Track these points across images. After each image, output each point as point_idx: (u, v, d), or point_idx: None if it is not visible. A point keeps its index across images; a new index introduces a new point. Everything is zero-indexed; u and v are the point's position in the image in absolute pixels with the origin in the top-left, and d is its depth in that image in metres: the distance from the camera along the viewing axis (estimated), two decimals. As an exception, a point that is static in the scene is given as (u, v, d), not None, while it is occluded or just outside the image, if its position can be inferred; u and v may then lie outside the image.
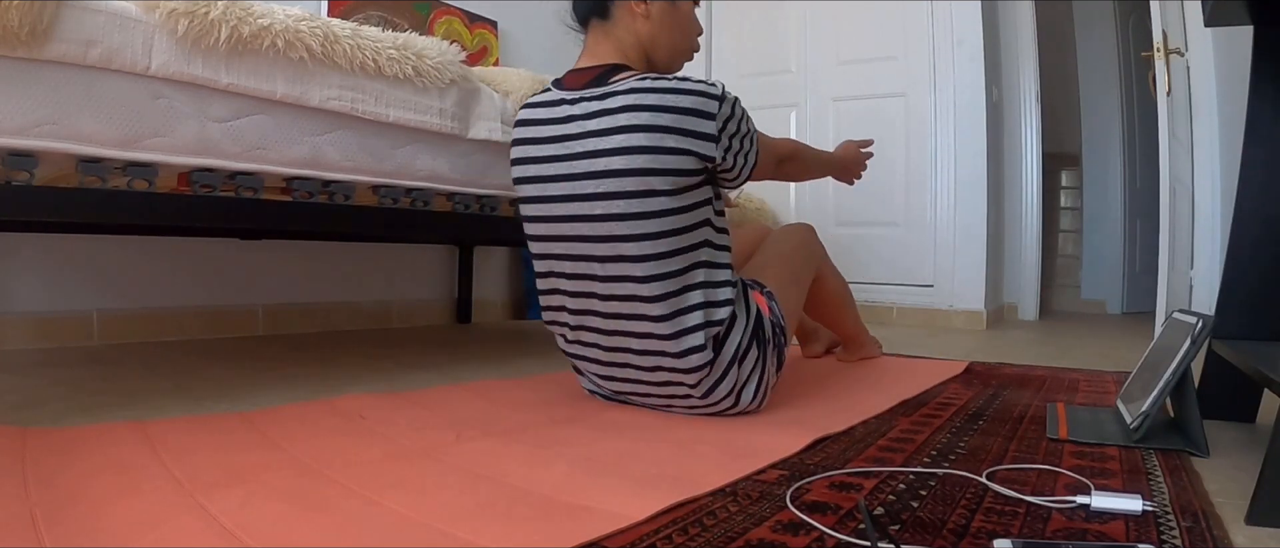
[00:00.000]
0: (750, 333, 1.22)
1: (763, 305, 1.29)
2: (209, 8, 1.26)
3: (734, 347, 1.19)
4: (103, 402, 1.27)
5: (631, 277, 1.17)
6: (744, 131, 1.21)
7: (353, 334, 2.47)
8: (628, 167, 1.13)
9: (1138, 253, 4.48)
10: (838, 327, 1.89)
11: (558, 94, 1.24)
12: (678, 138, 1.13)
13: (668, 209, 1.15)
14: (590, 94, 1.19)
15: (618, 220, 1.15)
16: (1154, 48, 2.78)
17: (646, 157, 1.13)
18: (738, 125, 1.19)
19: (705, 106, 1.14)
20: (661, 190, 1.14)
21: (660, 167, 1.13)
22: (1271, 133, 1.32)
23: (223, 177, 1.38)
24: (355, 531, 0.69)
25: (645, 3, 1.25)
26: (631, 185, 1.14)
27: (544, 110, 1.25)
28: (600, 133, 1.16)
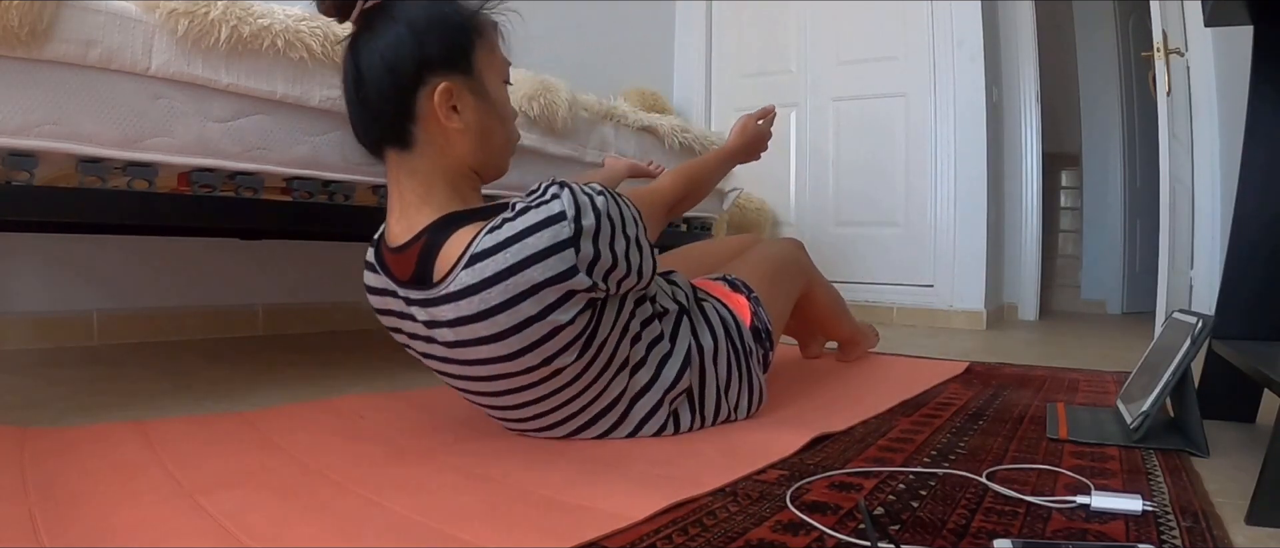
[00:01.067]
0: (727, 355, 1.15)
1: (743, 312, 1.24)
2: (209, 8, 1.26)
3: (716, 383, 1.13)
4: (103, 402, 1.27)
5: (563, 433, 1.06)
6: (617, 251, 0.94)
7: (353, 334, 2.47)
8: (500, 372, 0.96)
9: (1138, 253, 4.48)
10: (834, 333, 1.90)
11: (386, 281, 0.99)
12: (535, 306, 0.90)
13: (564, 368, 0.97)
14: (422, 297, 0.94)
15: (520, 407, 1.02)
16: (1154, 48, 2.79)
17: (510, 341, 0.91)
18: (602, 238, 0.92)
19: (554, 243, 0.88)
20: (550, 360, 0.95)
21: (537, 340, 0.92)
22: (1271, 133, 1.32)
23: (223, 177, 1.38)
24: (354, 531, 0.69)
25: (455, 112, 0.95)
26: (520, 375, 0.96)
27: (381, 299, 1.02)
28: (455, 335, 0.94)
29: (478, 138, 0.99)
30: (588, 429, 1.06)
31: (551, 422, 1.05)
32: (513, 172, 1.86)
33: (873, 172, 3.45)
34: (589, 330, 0.96)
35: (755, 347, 1.23)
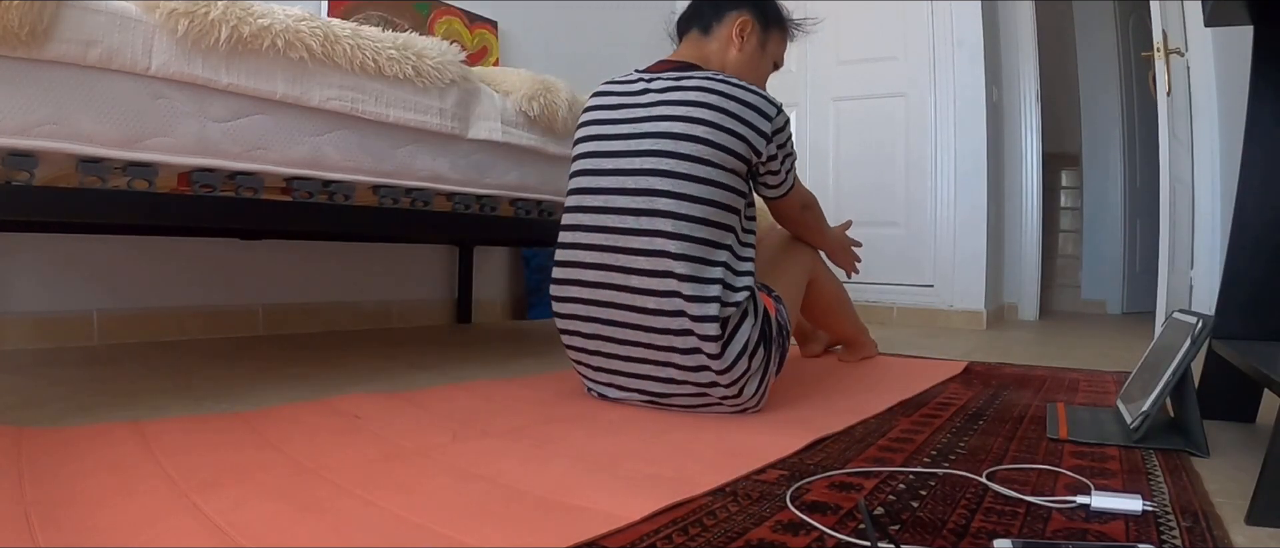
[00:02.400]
0: (759, 330, 1.24)
1: (769, 306, 1.31)
2: (209, 8, 1.26)
3: (745, 339, 1.21)
4: (102, 402, 1.27)
5: (667, 251, 1.20)
6: (789, 151, 1.33)
7: (353, 334, 2.47)
8: (687, 132, 1.23)
9: (1138, 253, 4.48)
10: (836, 330, 1.90)
11: (638, 76, 1.35)
12: (735, 124, 1.24)
13: (710, 179, 1.22)
14: (671, 78, 1.30)
15: (663, 177, 1.22)
16: (1154, 48, 2.78)
17: (705, 128, 1.23)
18: (786, 141, 1.32)
19: (766, 110, 1.26)
20: (709, 161, 1.22)
21: (715, 141, 1.22)
22: (1271, 133, 1.32)
23: (223, 177, 1.38)
24: (350, 531, 0.69)
25: (743, 37, 1.41)
26: (685, 149, 1.22)
27: (622, 85, 1.35)
28: (671, 104, 1.26)
29: (741, 62, 1.43)
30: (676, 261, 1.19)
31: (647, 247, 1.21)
32: (512, 172, 1.87)
33: (873, 171, 3.45)
34: (732, 177, 1.24)
35: (777, 336, 1.29)
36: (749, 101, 1.26)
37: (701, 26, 1.43)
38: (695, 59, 1.39)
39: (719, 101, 1.24)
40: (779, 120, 1.29)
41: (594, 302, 1.28)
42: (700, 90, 1.25)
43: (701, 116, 1.24)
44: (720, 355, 1.19)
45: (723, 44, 1.42)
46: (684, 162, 1.22)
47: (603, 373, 1.31)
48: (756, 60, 1.46)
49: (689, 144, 1.23)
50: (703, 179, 1.22)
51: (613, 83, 1.38)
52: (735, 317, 1.21)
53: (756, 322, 1.25)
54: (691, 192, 1.22)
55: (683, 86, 1.27)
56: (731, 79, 1.28)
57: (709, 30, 1.42)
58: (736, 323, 1.21)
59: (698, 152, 1.22)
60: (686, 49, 1.43)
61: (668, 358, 1.22)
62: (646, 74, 1.35)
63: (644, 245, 1.22)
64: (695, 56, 1.40)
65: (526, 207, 1.97)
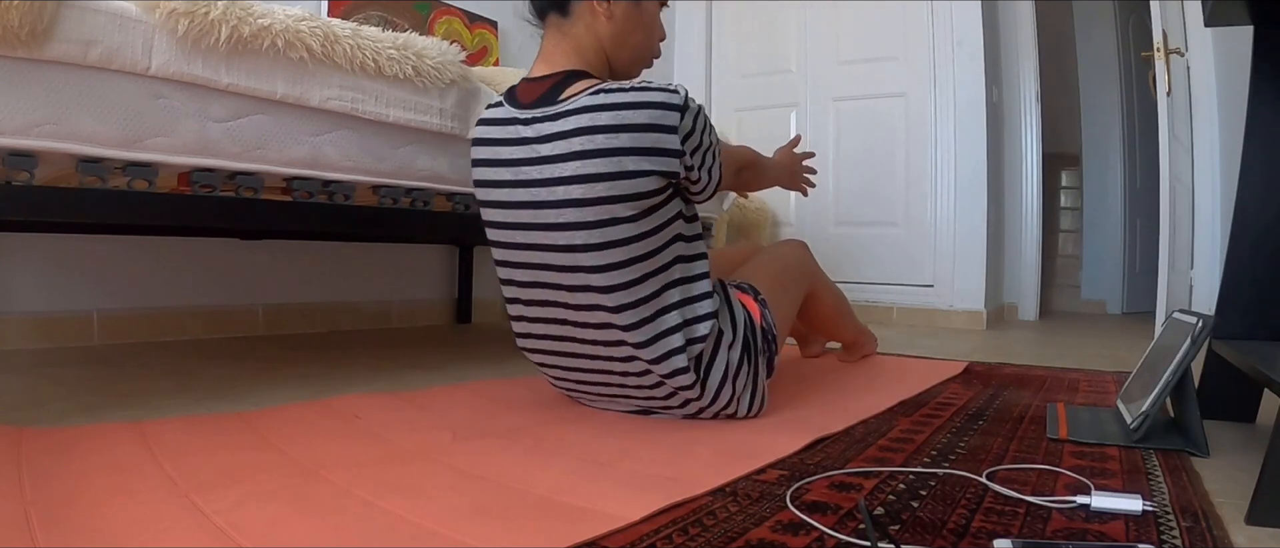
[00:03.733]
0: (740, 347, 1.18)
1: (753, 310, 1.26)
2: (209, 8, 1.26)
3: (724, 365, 1.16)
4: (102, 402, 1.27)
5: (602, 306, 1.11)
6: (707, 144, 1.13)
7: (353, 334, 2.47)
8: (586, 195, 1.07)
9: (1138, 253, 4.48)
10: (837, 335, 1.90)
11: (510, 111, 1.16)
12: (638, 159, 1.05)
13: (633, 236, 1.08)
14: (542, 114, 1.11)
15: (582, 251, 1.09)
16: (1154, 48, 2.79)
17: (605, 184, 1.05)
18: (701, 137, 1.11)
19: (666, 120, 1.05)
20: (625, 217, 1.07)
21: (621, 193, 1.06)
22: (1271, 133, 1.32)
23: (223, 177, 1.38)
24: (350, 531, 0.69)
25: (608, 2, 1.17)
26: (592, 216, 1.07)
27: (497, 129, 1.17)
28: (555, 159, 1.08)
29: (619, 30, 1.20)
30: (613, 318, 1.10)
31: (583, 302, 1.12)
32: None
33: (873, 171, 3.45)
34: (654, 203, 1.09)
35: (764, 347, 1.24)
36: (644, 123, 1.04)
37: (556, 8, 1.19)
38: (564, 59, 1.18)
39: (607, 141, 1.04)
40: (686, 121, 1.07)
41: (558, 353, 1.21)
42: (582, 134, 1.06)
43: (595, 171, 1.05)
44: (701, 395, 1.15)
45: (588, 22, 1.18)
46: (597, 229, 1.07)
47: (587, 396, 1.28)
48: (633, 21, 1.21)
49: (594, 209, 1.06)
50: (625, 240, 1.07)
51: (487, 123, 1.20)
52: (709, 348, 1.14)
53: (736, 339, 1.18)
54: (618, 258, 1.08)
55: (562, 132, 1.07)
56: (614, 94, 1.06)
57: (566, 10, 1.18)
58: (711, 353, 1.15)
59: (609, 213, 1.06)
60: (551, 47, 1.20)
61: (649, 398, 1.19)
62: (521, 111, 1.14)
63: (586, 318, 1.14)
64: (563, 55, 1.18)
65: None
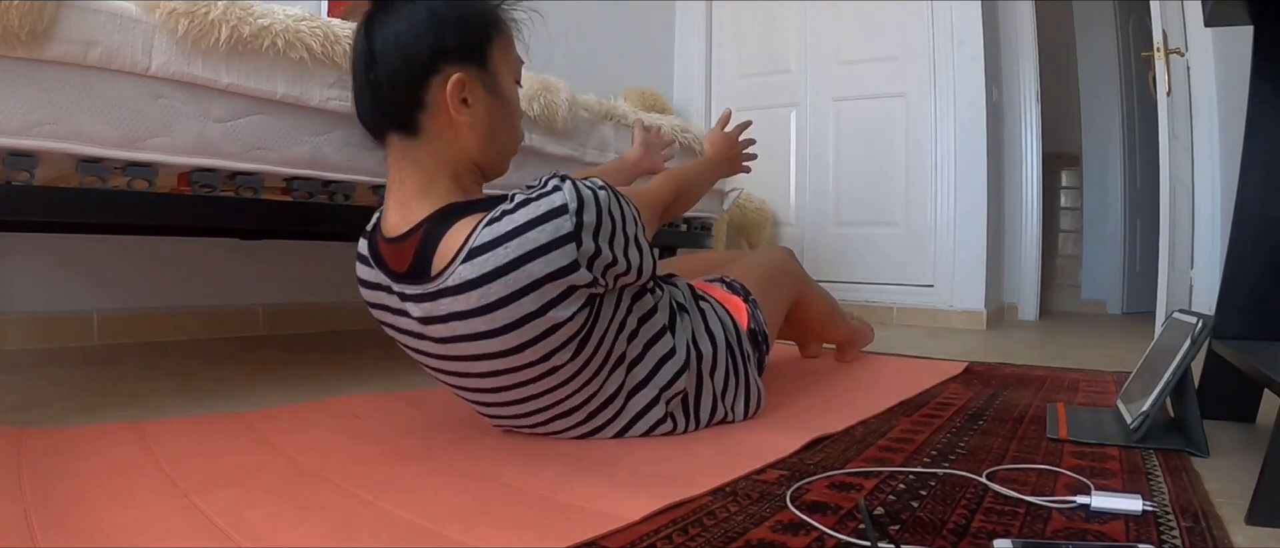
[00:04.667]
0: (725, 361, 1.14)
1: (740, 313, 1.23)
2: (209, 8, 1.26)
3: (712, 389, 1.12)
4: (103, 402, 1.27)
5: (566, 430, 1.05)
6: (615, 232, 0.93)
7: (353, 334, 2.47)
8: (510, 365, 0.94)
9: (1138, 253, 4.47)
10: (830, 337, 1.90)
11: (379, 275, 0.97)
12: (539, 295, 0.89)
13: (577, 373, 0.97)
14: (420, 292, 0.92)
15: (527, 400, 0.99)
16: (1154, 48, 2.79)
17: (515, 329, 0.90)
18: (600, 230, 0.91)
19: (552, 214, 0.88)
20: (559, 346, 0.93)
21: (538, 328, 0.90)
22: (1271, 133, 1.32)
23: (223, 177, 1.38)
24: (349, 531, 0.69)
25: (466, 105, 0.94)
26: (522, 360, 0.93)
27: (374, 294, 1.00)
28: (460, 339, 0.92)
29: (486, 133, 0.97)
30: (582, 426, 1.05)
31: (545, 419, 1.03)
32: (513, 172, 1.86)
33: (872, 172, 3.45)
34: (587, 328, 0.95)
35: (752, 351, 1.23)
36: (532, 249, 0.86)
37: (400, 128, 0.94)
38: (421, 189, 0.94)
39: (511, 313, 0.88)
40: (576, 222, 0.88)
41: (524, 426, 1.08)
42: (464, 290, 0.88)
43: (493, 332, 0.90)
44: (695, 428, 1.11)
45: (447, 138, 0.95)
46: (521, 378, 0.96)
47: None
48: (497, 117, 0.99)
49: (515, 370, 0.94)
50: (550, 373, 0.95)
51: (362, 283, 1.03)
52: (692, 386, 1.08)
53: (716, 353, 1.12)
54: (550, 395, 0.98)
55: (455, 313, 0.90)
56: (489, 247, 0.87)
57: (415, 129, 0.93)
58: (696, 387, 1.09)
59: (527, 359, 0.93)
60: (401, 174, 0.96)
61: None
62: (395, 283, 0.95)
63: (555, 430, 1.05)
64: (419, 184, 0.94)
65: (526, 207, 1.97)
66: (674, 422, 1.09)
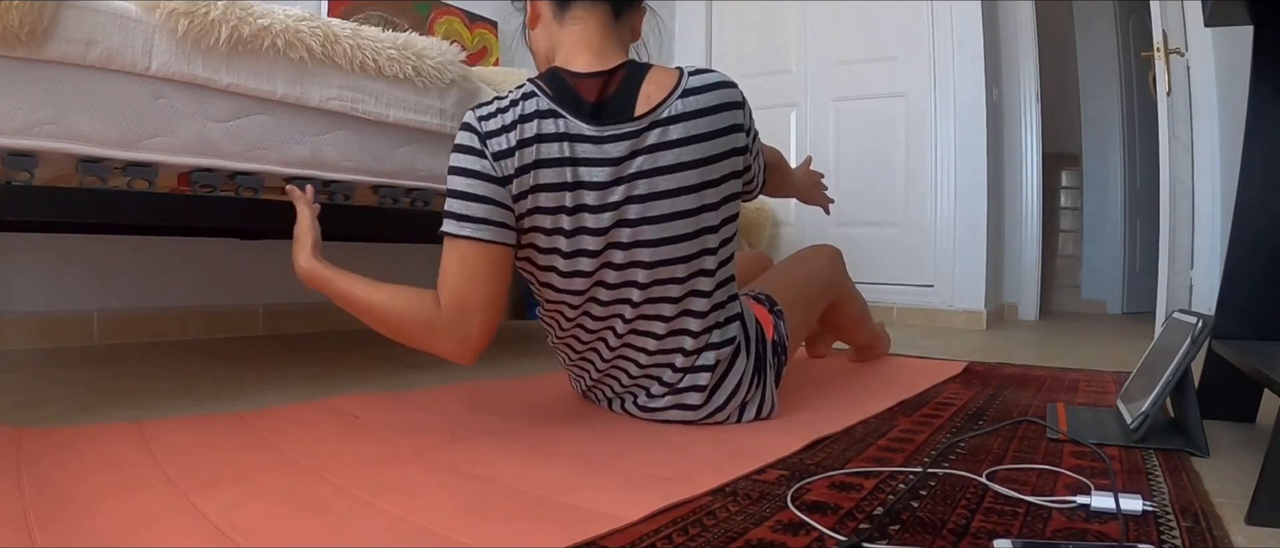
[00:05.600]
0: (754, 359, 1.19)
1: (766, 324, 1.25)
2: (209, 8, 1.26)
3: (739, 375, 1.16)
4: (103, 402, 1.27)
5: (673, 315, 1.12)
6: (757, 136, 1.18)
7: (353, 334, 2.47)
8: (685, 208, 1.07)
9: (1138, 253, 4.48)
10: (853, 340, 1.90)
11: (575, 126, 1.04)
12: (723, 163, 1.09)
13: (717, 245, 1.11)
14: (624, 131, 1.04)
15: (674, 264, 1.09)
16: (1154, 48, 2.79)
17: (695, 194, 1.07)
18: (753, 130, 1.16)
19: (738, 120, 1.11)
20: (711, 226, 1.10)
21: (711, 201, 1.09)
22: (1271, 133, 1.32)
23: (223, 177, 1.38)
24: (348, 531, 0.69)
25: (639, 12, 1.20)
26: (689, 227, 1.08)
27: (575, 147, 1.05)
28: (660, 172, 1.06)
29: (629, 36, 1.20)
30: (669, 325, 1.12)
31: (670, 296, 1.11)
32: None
33: (873, 171, 3.45)
34: (732, 197, 1.13)
35: (773, 358, 1.24)
36: (726, 121, 1.10)
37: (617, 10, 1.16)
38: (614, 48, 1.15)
39: (703, 150, 1.07)
40: (747, 111, 1.14)
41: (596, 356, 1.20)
42: (679, 121, 1.07)
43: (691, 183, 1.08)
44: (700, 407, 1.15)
45: (634, 30, 1.21)
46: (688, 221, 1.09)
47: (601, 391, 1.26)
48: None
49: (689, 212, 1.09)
50: (708, 232, 1.10)
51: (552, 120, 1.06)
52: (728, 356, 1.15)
53: (750, 350, 1.18)
54: (704, 262, 1.11)
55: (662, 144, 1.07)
56: (696, 92, 1.08)
57: (622, 16, 1.17)
58: (729, 362, 1.15)
59: (703, 201, 1.09)
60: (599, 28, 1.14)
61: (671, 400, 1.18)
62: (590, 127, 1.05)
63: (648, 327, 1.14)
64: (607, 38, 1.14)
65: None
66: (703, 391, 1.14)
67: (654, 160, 1.05)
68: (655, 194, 1.06)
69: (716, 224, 1.11)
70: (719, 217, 1.11)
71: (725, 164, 1.09)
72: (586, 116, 1.05)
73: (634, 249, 1.08)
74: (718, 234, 1.12)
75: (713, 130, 1.07)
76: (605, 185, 1.05)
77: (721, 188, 1.10)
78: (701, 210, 1.08)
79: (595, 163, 1.05)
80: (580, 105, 1.06)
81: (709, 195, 1.08)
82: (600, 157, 1.05)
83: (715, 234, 1.11)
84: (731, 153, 1.10)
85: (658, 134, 1.05)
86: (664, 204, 1.06)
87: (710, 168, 1.07)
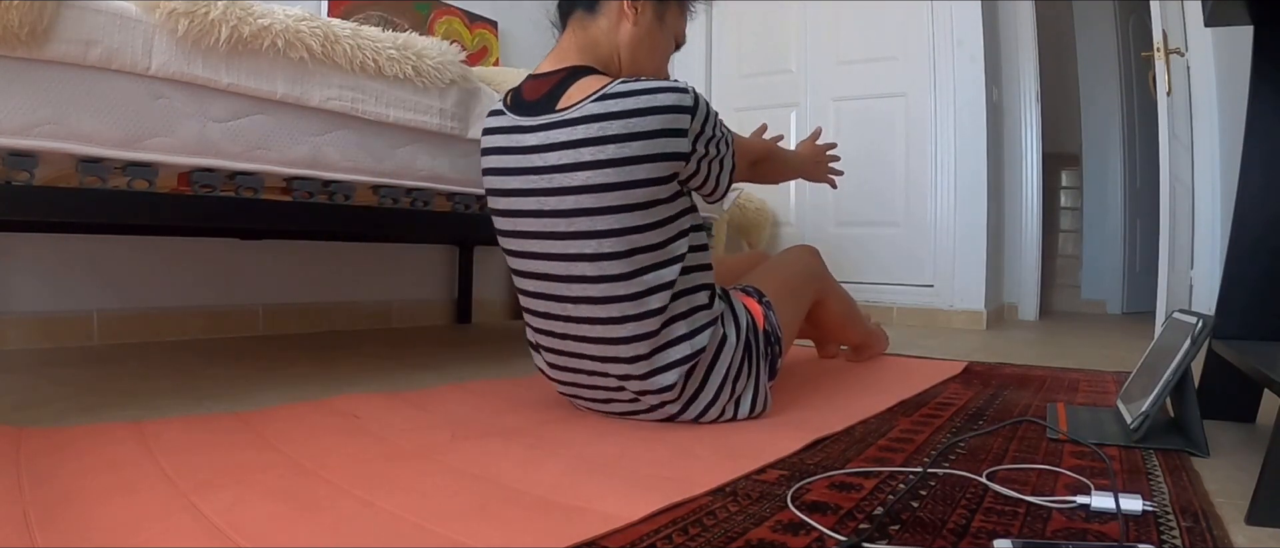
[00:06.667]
0: (742, 349, 1.18)
1: (756, 313, 1.26)
2: (209, 8, 1.26)
3: (724, 369, 1.16)
4: (103, 402, 1.27)
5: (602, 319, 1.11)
6: (716, 138, 1.13)
7: (353, 334, 2.47)
8: (597, 205, 1.07)
9: (1138, 253, 4.47)
10: (847, 339, 1.91)
11: (512, 119, 1.16)
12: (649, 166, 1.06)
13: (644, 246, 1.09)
14: (544, 121, 1.11)
15: (589, 261, 1.09)
16: (1154, 48, 2.78)
17: (616, 193, 1.06)
18: (712, 133, 1.12)
19: (676, 124, 1.06)
20: (635, 227, 1.07)
21: (631, 201, 1.07)
22: (1271, 133, 1.32)
23: (223, 177, 1.38)
24: (348, 531, 0.69)
25: (636, 8, 1.19)
26: (603, 225, 1.07)
27: (501, 137, 1.17)
28: (562, 169, 1.09)
29: (637, 44, 1.21)
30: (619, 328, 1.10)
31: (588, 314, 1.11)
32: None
33: (873, 172, 3.45)
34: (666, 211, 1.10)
35: (764, 348, 1.24)
36: (656, 124, 1.05)
37: (585, 4, 1.20)
38: (579, 51, 1.19)
39: (617, 150, 1.05)
40: (697, 119, 1.08)
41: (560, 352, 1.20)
42: (591, 145, 1.06)
43: (604, 181, 1.06)
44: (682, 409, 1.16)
45: (612, 20, 1.20)
46: (603, 219, 1.07)
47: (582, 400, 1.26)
48: (655, 36, 1.23)
49: (602, 209, 1.07)
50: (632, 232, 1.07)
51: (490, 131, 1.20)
52: (707, 357, 1.14)
53: (738, 342, 1.18)
54: (622, 265, 1.08)
55: (570, 142, 1.08)
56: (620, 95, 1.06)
57: (594, 7, 1.20)
58: (710, 361, 1.14)
59: (616, 205, 1.07)
60: (571, 37, 1.21)
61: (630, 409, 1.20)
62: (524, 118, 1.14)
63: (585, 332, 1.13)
64: (579, 46, 1.19)
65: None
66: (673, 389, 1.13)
67: (562, 156, 1.09)
68: (561, 189, 1.09)
69: (645, 225, 1.08)
70: (649, 218, 1.08)
71: (651, 167, 1.06)
72: (521, 112, 1.16)
73: (545, 241, 1.13)
74: (647, 235, 1.09)
75: (629, 132, 1.05)
76: (518, 172, 1.14)
77: (648, 189, 1.07)
78: (620, 210, 1.07)
79: (512, 151, 1.15)
80: (520, 103, 1.17)
81: (632, 196, 1.07)
82: (517, 146, 1.14)
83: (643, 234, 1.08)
84: (659, 157, 1.06)
85: (565, 132, 1.08)
86: (569, 200, 1.09)
87: (628, 168, 1.05)
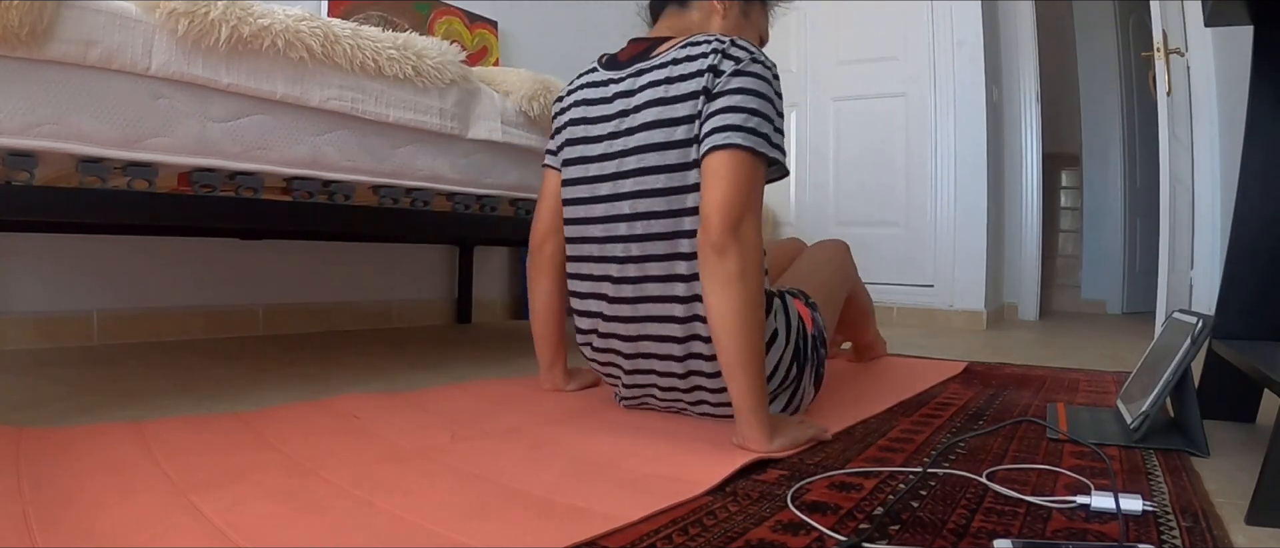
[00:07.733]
0: (791, 351, 1.16)
1: (805, 317, 1.23)
2: (209, 8, 1.26)
3: (772, 367, 1.13)
4: (103, 402, 1.27)
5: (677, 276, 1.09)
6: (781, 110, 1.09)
7: (353, 334, 2.47)
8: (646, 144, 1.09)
9: (1138, 253, 4.47)
10: (858, 337, 1.91)
11: (604, 74, 1.21)
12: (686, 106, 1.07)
13: None
14: (628, 72, 1.16)
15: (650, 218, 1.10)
16: (1154, 48, 2.78)
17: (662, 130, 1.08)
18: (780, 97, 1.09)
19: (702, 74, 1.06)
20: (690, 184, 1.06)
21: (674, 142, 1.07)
22: (1271, 133, 1.32)
23: (223, 177, 1.38)
24: (348, 531, 0.69)
25: (725, 3, 1.24)
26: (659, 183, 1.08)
27: (583, 110, 1.22)
28: (645, 106, 1.11)
29: (727, 33, 1.24)
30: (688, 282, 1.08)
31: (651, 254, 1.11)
32: (512, 172, 1.87)
33: (873, 171, 3.45)
34: None
35: (812, 353, 1.22)
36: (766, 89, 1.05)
37: (678, 0, 1.25)
38: (671, 32, 1.23)
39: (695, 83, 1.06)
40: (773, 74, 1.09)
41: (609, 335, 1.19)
42: (671, 65, 1.09)
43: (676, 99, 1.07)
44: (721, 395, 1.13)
45: (703, 15, 1.24)
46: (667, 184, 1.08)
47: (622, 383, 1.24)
48: (742, 30, 1.28)
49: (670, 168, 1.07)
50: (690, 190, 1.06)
51: (585, 85, 1.24)
52: None
53: (788, 343, 1.15)
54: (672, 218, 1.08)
55: (643, 83, 1.12)
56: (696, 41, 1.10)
57: (686, 3, 1.25)
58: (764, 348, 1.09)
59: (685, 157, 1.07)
60: (663, 25, 1.26)
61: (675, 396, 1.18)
62: (614, 71, 1.19)
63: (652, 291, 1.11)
64: (673, 30, 1.24)
65: (527, 206, 1.97)
66: None
67: (637, 116, 1.12)
68: (632, 149, 1.12)
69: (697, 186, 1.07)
70: None
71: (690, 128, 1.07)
72: (612, 68, 1.20)
73: (620, 201, 1.14)
74: None
75: (677, 95, 1.07)
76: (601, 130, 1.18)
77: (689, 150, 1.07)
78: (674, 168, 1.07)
79: (597, 102, 1.20)
80: (615, 62, 1.22)
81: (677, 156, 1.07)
82: (601, 96, 1.19)
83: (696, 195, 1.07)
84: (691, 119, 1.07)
85: (629, 83, 1.14)
86: (632, 160, 1.12)
87: (674, 129, 1.07)
